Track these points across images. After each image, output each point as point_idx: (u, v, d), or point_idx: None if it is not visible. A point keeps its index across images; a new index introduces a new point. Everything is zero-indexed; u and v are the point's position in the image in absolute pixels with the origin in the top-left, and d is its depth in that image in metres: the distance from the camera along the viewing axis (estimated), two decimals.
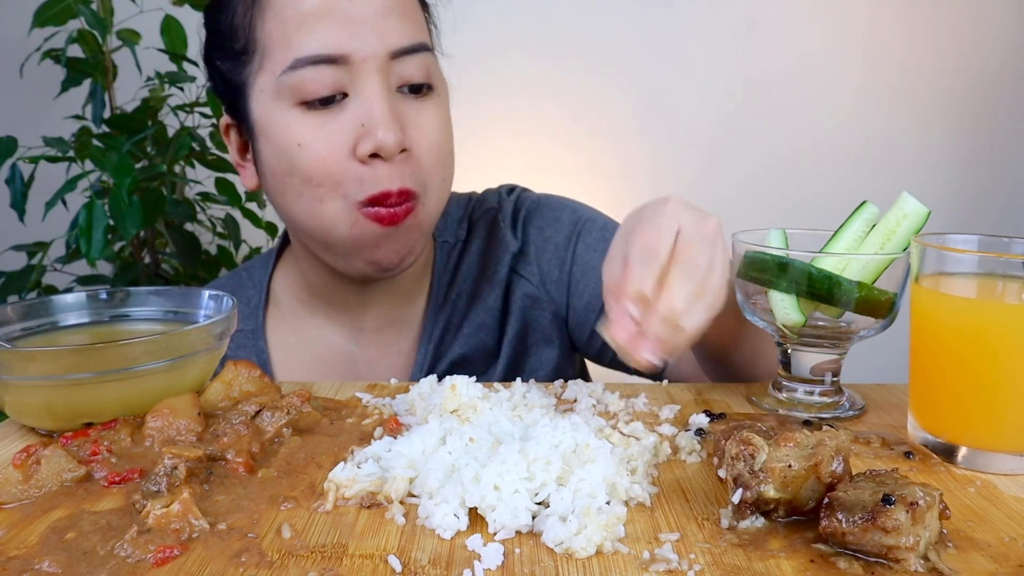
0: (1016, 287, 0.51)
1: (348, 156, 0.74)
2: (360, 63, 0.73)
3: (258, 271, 0.96)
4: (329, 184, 0.75)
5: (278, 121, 0.75)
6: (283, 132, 0.75)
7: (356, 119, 0.74)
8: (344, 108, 0.74)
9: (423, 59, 0.77)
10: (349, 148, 0.74)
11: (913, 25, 1.98)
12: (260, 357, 0.90)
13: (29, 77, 1.55)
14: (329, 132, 0.74)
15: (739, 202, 2.06)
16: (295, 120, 0.74)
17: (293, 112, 0.74)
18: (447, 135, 0.81)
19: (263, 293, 0.94)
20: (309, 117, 0.74)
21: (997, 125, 2.05)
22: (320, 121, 0.74)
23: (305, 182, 0.76)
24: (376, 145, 0.72)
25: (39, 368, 0.56)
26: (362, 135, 0.73)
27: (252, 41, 0.76)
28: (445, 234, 0.94)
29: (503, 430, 0.54)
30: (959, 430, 0.54)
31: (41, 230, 1.54)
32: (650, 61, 1.98)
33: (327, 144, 0.74)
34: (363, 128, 0.73)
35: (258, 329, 0.92)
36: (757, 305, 0.65)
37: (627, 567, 0.41)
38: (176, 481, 0.47)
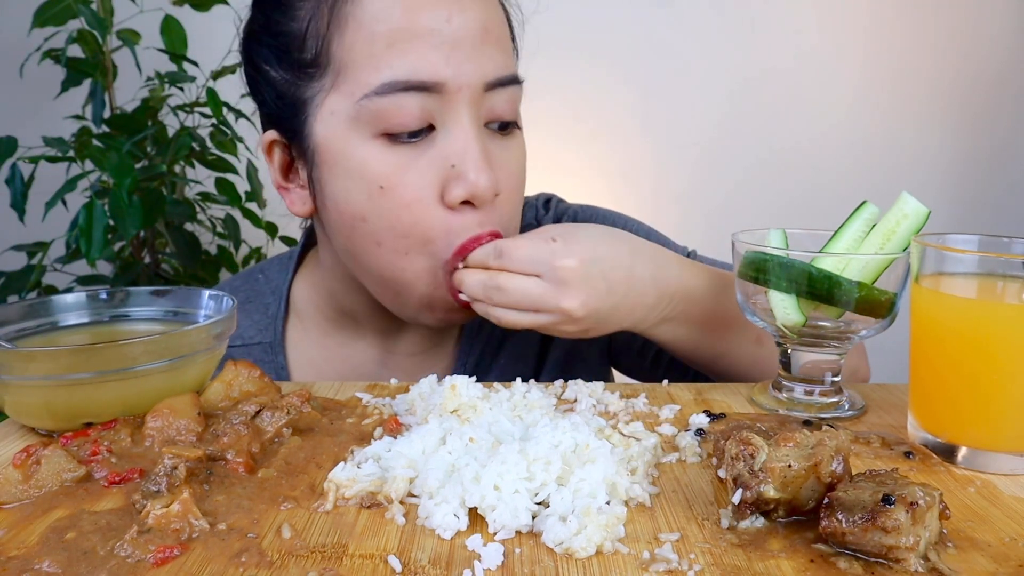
0: (1016, 287, 0.51)
1: (436, 203, 0.67)
2: (455, 93, 0.65)
3: (276, 275, 0.88)
4: (415, 236, 0.67)
5: (354, 153, 0.67)
6: (360, 168, 0.67)
7: (446, 158, 0.66)
8: (431, 144, 0.66)
9: (514, 93, 0.70)
10: (437, 193, 0.66)
11: (913, 24, 1.99)
12: (279, 373, 0.83)
13: (29, 77, 1.55)
14: (415, 173, 0.66)
15: (739, 201, 2.06)
16: (376, 155, 0.66)
17: (374, 145, 0.66)
18: (524, 175, 0.75)
19: (283, 301, 0.85)
20: (393, 153, 0.66)
21: (997, 125, 2.05)
22: (406, 159, 0.66)
23: (387, 231, 0.67)
24: (470, 190, 0.65)
25: (39, 368, 0.56)
26: (452, 177, 0.66)
27: (325, 54, 0.66)
28: None
29: (503, 430, 0.54)
30: (959, 430, 0.54)
31: (41, 230, 1.54)
32: (650, 60, 1.98)
33: (413, 188, 0.66)
34: (453, 170, 0.66)
35: (277, 343, 0.83)
36: (757, 305, 0.65)
37: (627, 567, 0.41)
38: (176, 481, 0.47)
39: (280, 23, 0.69)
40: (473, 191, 0.66)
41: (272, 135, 0.73)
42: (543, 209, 0.92)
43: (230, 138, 1.58)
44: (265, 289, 0.87)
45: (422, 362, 0.86)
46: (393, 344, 0.85)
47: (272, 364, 0.84)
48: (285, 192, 0.76)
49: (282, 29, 0.69)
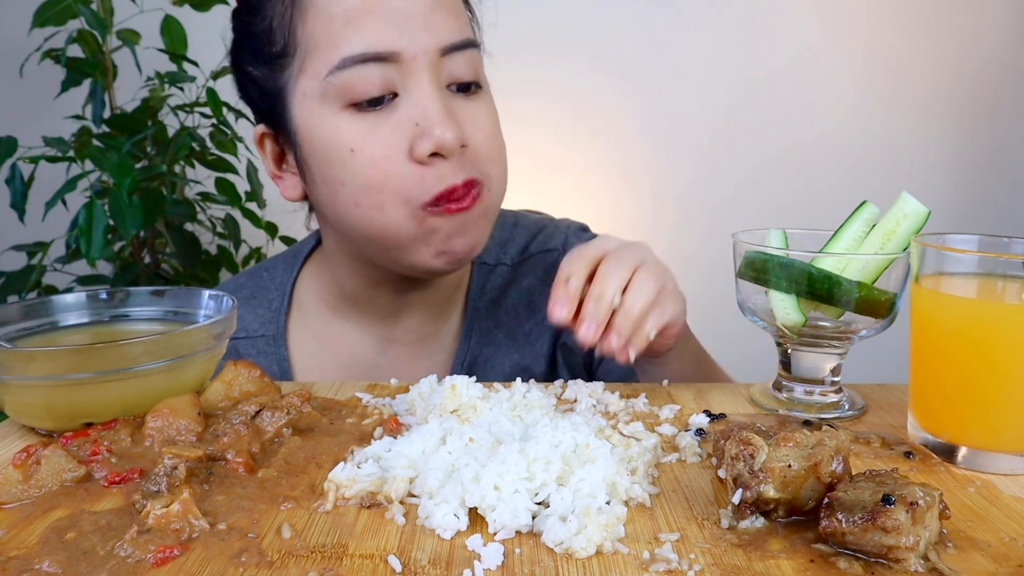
0: (1016, 287, 0.51)
1: (405, 159, 0.71)
2: (411, 60, 0.70)
3: (280, 273, 0.92)
4: (389, 190, 0.71)
5: (326, 126, 0.72)
6: (333, 138, 0.72)
7: (410, 119, 0.70)
8: (396, 108, 0.71)
9: (471, 56, 0.74)
10: (405, 150, 0.71)
11: (913, 24, 1.98)
12: (281, 365, 0.87)
13: (29, 77, 1.55)
14: (382, 134, 0.71)
15: (738, 201, 2.06)
16: (345, 124, 0.71)
17: (342, 116, 0.71)
18: (499, 130, 0.78)
19: (286, 297, 0.90)
20: (359, 119, 0.71)
21: (997, 125, 2.05)
22: (372, 123, 0.71)
23: (362, 190, 0.72)
24: (436, 143, 0.69)
25: (39, 368, 0.56)
26: (418, 135, 0.70)
27: (292, 43, 0.72)
28: (485, 256, 0.90)
29: (503, 430, 0.54)
30: (959, 430, 0.54)
31: (41, 230, 1.54)
32: (650, 60, 1.98)
33: (382, 147, 0.71)
34: (418, 128, 0.70)
35: (279, 335, 0.88)
36: (757, 305, 0.65)
37: (627, 567, 0.41)
38: (176, 481, 0.47)
39: (252, 24, 0.76)
40: (439, 143, 0.69)
41: (261, 128, 0.80)
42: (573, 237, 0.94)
43: (230, 138, 1.58)
44: (270, 285, 0.92)
45: (419, 350, 0.88)
46: (391, 331, 0.87)
47: (275, 356, 0.87)
48: (279, 180, 0.81)
49: (255, 30, 0.75)
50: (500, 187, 0.78)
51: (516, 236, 0.93)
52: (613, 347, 0.65)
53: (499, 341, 0.88)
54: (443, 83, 0.73)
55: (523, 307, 0.89)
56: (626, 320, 0.65)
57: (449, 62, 0.72)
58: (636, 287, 0.66)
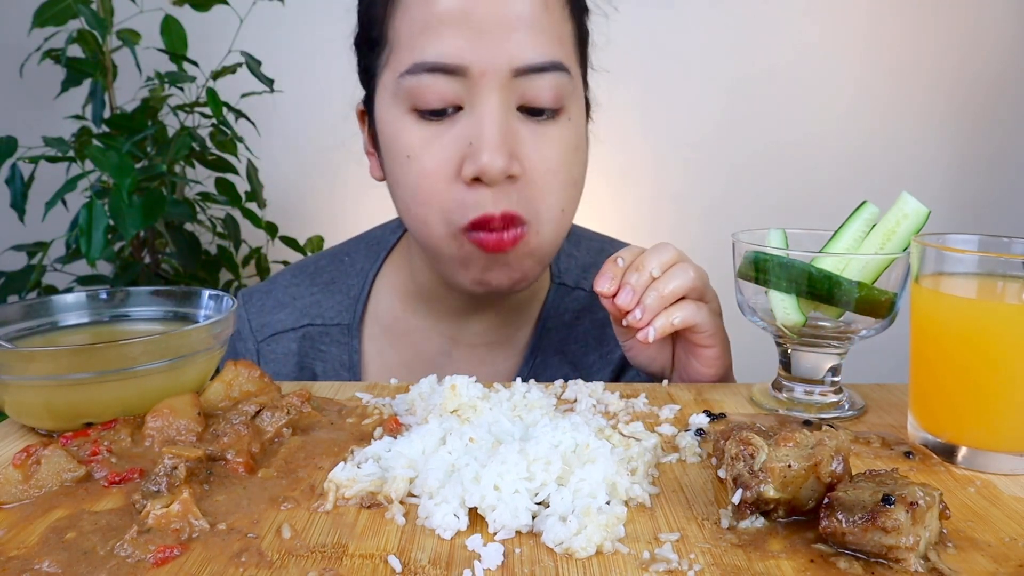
0: (1016, 287, 0.51)
1: (454, 176, 0.70)
2: (479, 77, 0.68)
3: (362, 260, 0.91)
4: (433, 205, 0.71)
5: (392, 124, 0.73)
6: (395, 138, 0.72)
7: (465, 137, 0.69)
8: (456, 123, 0.70)
9: (553, 80, 0.70)
10: (455, 167, 0.70)
11: (913, 24, 1.98)
12: (352, 356, 0.86)
13: (29, 77, 1.55)
14: (438, 147, 0.70)
15: (738, 201, 2.06)
16: (407, 127, 0.71)
17: (406, 118, 0.71)
18: (570, 163, 0.74)
19: (367, 286, 0.88)
20: (420, 127, 0.71)
21: (997, 125, 2.05)
22: (432, 133, 0.70)
23: (411, 197, 0.72)
24: (479, 169, 0.68)
25: (39, 368, 0.56)
26: (468, 155, 0.69)
27: (384, 35, 0.73)
28: (565, 276, 0.89)
29: (503, 430, 0.54)
30: (959, 430, 0.54)
31: (41, 230, 1.54)
32: (649, 60, 1.98)
33: (434, 160, 0.70)
34: (470, 148, 0.69)
35: (355, 325, 0.87)
36: (757, 305, 0.65)
37: (627, 567, 0.41)
38: (176, 481, 0.47)
39: (362, 10, 0.78)
40: (482, 170, 0.68)
41: (360, 105, 0.82)
42: None
43: (230, 138, 1.58)
44: (351, 271, 0.91)
45: (485, 355, 0.86)
46: (459, 332, 0.86)
47: (347, 346, 0.87)
48: (371, 157, 0.82)
49: (362, 14, 0.78)
50: (554, 228, 0.75)
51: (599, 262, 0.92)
52: (636, 319, 0.66)
53: (561, 365, 0.86)
54: (513, 104, 0.70)
55: (593, 338, 0.87)
56: (656, 296, 0.66)
57: (524, 83, 0.69)
58: (673, 271, 0.68)
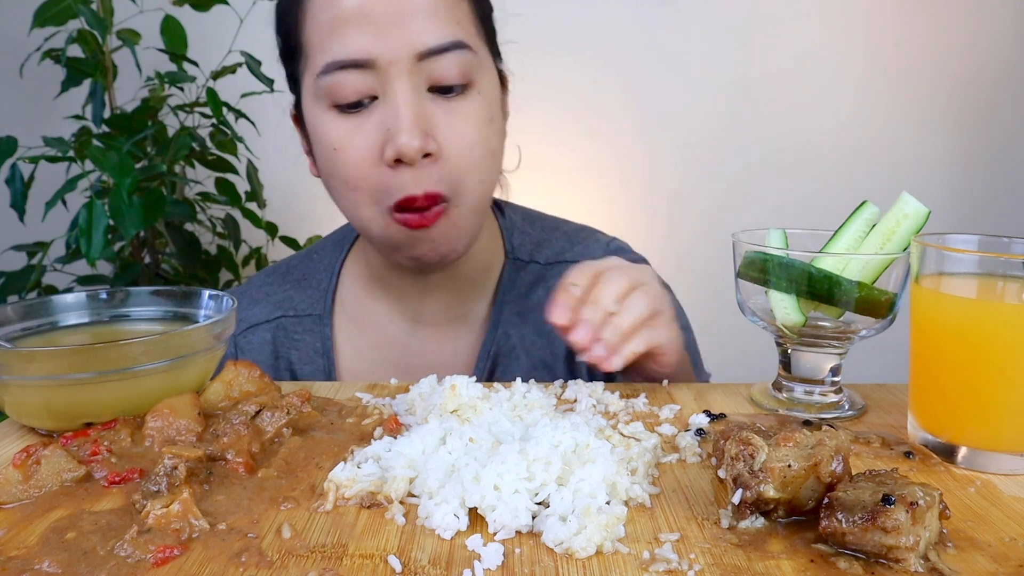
0: (1016, 287, 0.51)
1: (377, 161, 0.74)
2: (387, 66, 0.72)
3: (329, 254, 0.97)
4: (362, 190, 0.76)
5: (318, 122, 0.77)
6: (322, 134, 0.77)
7: (383, 124, 0.74)
8: (373, 112, 0.74)
9: (457, 58, 0.75)
10: (378, 153, 0.74)
11: (913, 25, 1.98)
12: (325, 343, 0.91)
13: (29, 77, 1.55)
14: (360, 137, 0.75)
15: (738, 202, 2.06)
16: (331, 123, 0.76)
17: (329, 115, 0.76)
18: (485, 136, 0.78)
19: (334, 277, 0.94)
20: (342, 121, 0.75)
21: (997, 125, 2.05)
22: (352, 125, 0.75)
23: (342, 186, 0.78)
24: (397, 151, 0.72)
25: (39, 368, 0.56)
26: (387, 139, 0.73)
27: (299, 42, 0.78)
28: (519, 251, 0.93)
29: (503, 430, 0.54)
30: (959, 430, 0.54)
31: (41, 230, 1.54)
32: (649, 61, 1.98)
33: (357, 149, 0.75)
34: (388, 133, 0.73)
35: (325, 314, 0.92)
36: (757, 305, 0.65)
37: (627, 567, 0.41)
38: (176, 481, 0.47)
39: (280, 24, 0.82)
40: (400, 150, 0.72)
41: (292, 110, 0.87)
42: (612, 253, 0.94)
43: (230, 138, 1.58)
44: (319, 266, 0.97)
45: (448, 332, 0.91)
46: (418, 313, 0.90)
47: (319, 334, 0.92)
48: (309, 157, 0.86)
49: (280, 28, 0.82)
50: (474, 199, 0.78)
51: (553, 240, 0.96)
52: (598, 356, 0.67)
53: (524, 335, 0.90)
54: (423, 87, 0.74)
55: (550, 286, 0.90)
56: (615, 331, 0.67)
57: (430, 65, 0.74)
58: (630, 302, 0.68)
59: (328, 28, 0.74)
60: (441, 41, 0.74)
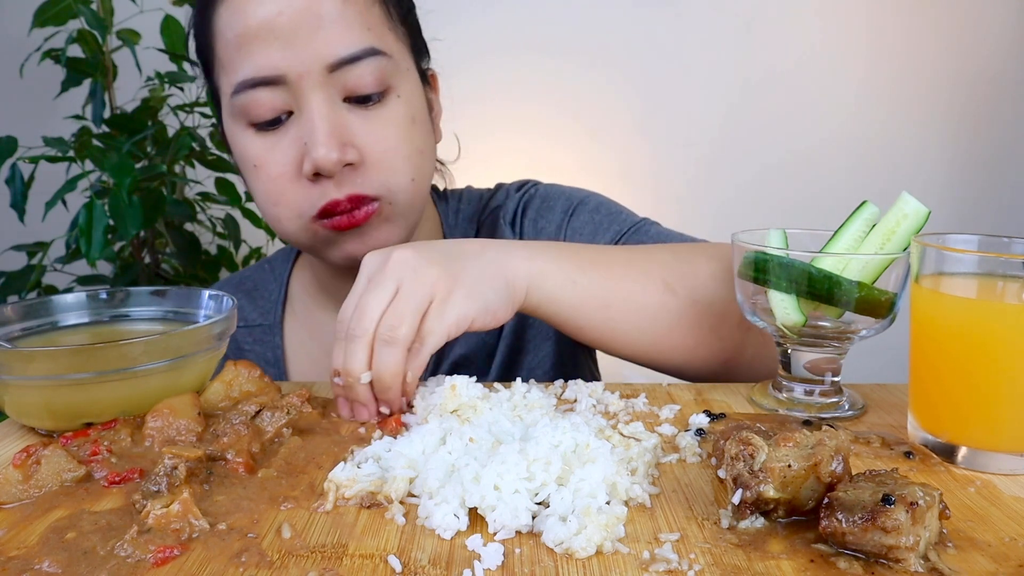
0: (1016, 287, 0.51)
1: (296, 176, 0.74)
2: (298, 80, 0.71)
3: (280, 264, 0.97)
4: (283, 205, 0.76)
5: (237, 140, 0.77)
6: (241, 151, 0.77)
7: (300, 138, 0.73)
8: (290, 127, 0.74)
9: (370, 64, 0.73)
10: (296, 167, 0.74)
11: (913, 25, 1.99)
12: (275, 353, 0.91)
13: (29, 77, 1.55)
14: (278, 153, 0.74)
15: (738, 202, 2.06)
16: (248, 141, 0.75)
17: (247, 133, 0.75)
18: (409, 137, 0.77)
19: (283, 287, 0.94)
20: (259, 139, 0.75)
21: (997, 125, 2.05)
22: (270, 142, 0.74)
23: (264, 203, 0.77)
24: (315, 164, 0.71)
25: (39, 368, 0.56)
26: (304, 153, 0.73)
27: (213, 61, 0.77)
28: (455, 231, 0.94)
29: (503, 430, 0.54)
30: (959, 430, 0.54)
31: (41, 230, 1.54)
32: (650, 61, 1.98)
33: (277, 165, 0.74)
34: (305, 147, 0.72)
35: (276, 324, 0.92)
36: (757, 305, 0.65)
37: (627, 567, 0.41)
38: (176, 481, 0.47)
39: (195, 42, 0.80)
40: (317, 164, 0.71)
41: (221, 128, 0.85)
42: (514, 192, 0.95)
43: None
44: (269, 277, 0.96)
45: None
46: None
47: (270, 344, 0.91)
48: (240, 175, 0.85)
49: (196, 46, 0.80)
50: (408, 197, 0.78)
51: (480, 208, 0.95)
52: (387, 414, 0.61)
53: None
54: (338, 97, 0.73)
55: None
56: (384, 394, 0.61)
57: (343, 75, 0.72)
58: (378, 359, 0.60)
59: (235, 46, 0.72)
60: (352, 50, 0.72)
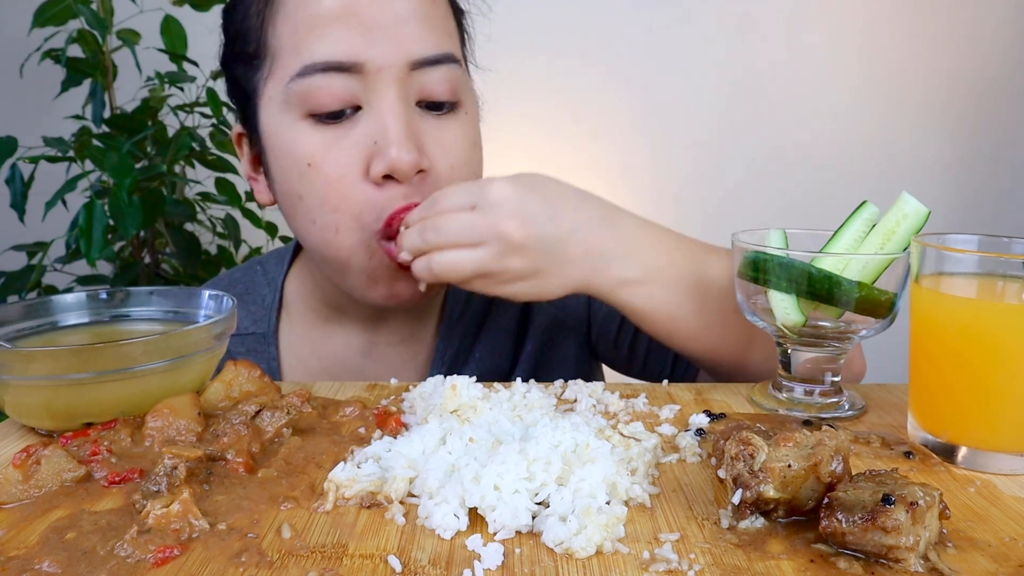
0: (1016, 287, 0.51)
1: (361, 178, 0.68)
2: (376, 73, 0.66)
3: (273, 268, 0.90)
4: (344, 211, 0.69)
5: (286, 134, 0.70)
6: (292, 147, 0.69)
7: (369, 136, 0.67)
8: (357, 123, 0.68)
9: (448, 72, 0.69)
10: (362, 169, 0.68)
11: (912, 23, 1.99)
12: (270, 364, 0.85)
13: (29, 77, 1.55)
14: (341, 151, 0.68)
15: (738, 201, 2.06)
16: (304, 134, 0.68)
17: (302, 125, 0.68)
18: (472, 159, 0.73)
19: (277, 294, 0.88)
20: (319, 132, 0.68)
21: (996, 125, 2.05)
22: (331, 137, 0.68)
23: (319, 207, 0.70)
24: (389, 165, 0.66)
25: (39, 368, 0.56)
26: (375, 153, 0.67)
27: (263, 45, 0.70)
28: None
29: (503, 430, 0.54)
30: (959, 430, 0.54)
31: (41, 230, 1.54)
32: (649, 60, 1.98)
33: (338, 165, 0.68)
34: (376, 146, 0.67)
35: (270, 333, 0.86)
36: (757, 305, 0.65)
37: (627, 567, 0.41)
38: (176, 481, 0.47)
39: (233, 22, 0.74)
40: (393, 165, 0.66)
41: (238, 128, 0.79)
42: None
43: (230, 138, 1.58)
44: (262, 281, 0.90)
45: (403, 351, 0.86)
46: (375, 334, 0.85)
47: (264, 354, 0.86)
48: (254, 183, 0.79)
49: (234, 28, 0.74)
50: None
51: None
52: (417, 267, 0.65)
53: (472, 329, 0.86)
54: (412, 99, 0.69)
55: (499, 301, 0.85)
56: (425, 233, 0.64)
57: (420, 77, 0.68)
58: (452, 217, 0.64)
59: (307, 27, 0.67)
60: (435, 51, 0.68)
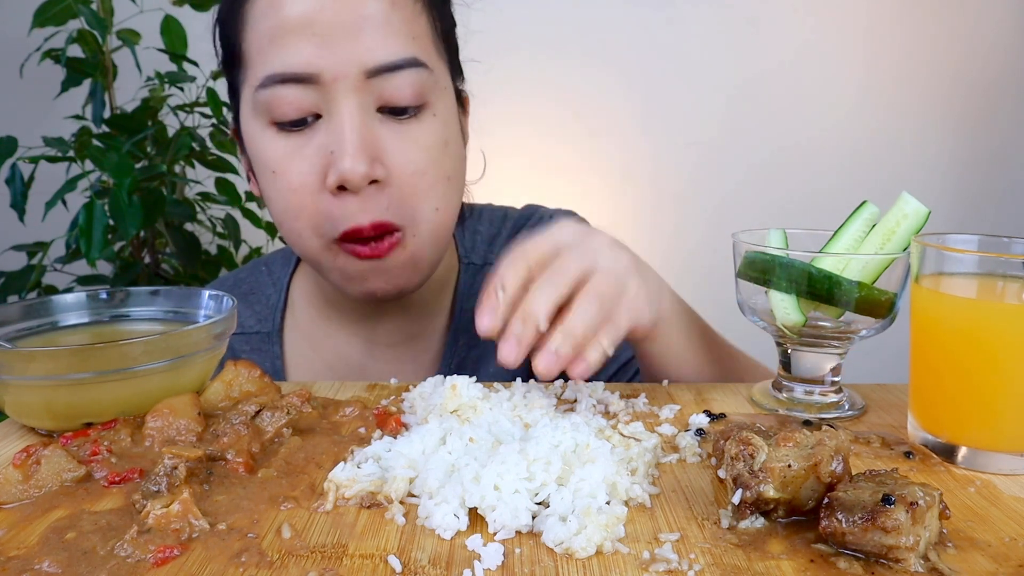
0: (1016, 287, 0.51)
1: (319, 188, 0.69)
2: (332, 83, 0.66)
3: (279, 268, 0.91)
4: (303, 219, 0.70)
5: (256, 139, 0.71)
6: (259, 153, 0.71)
7: (326, 146, 0.68)
8: (317, 131, 0.68)
9: (411, 76, 0.68)
10: (319, 178, 0.68)
11: (913, 24, 1.99)
12: (274, 363, 0.86)
13: (29, 77, 1.55)
14: (301, 160, 0.69)
15: (738, 201, 2.06)
16: (271, 142, 0.70)
17: (268, 132, 0.70)
18: (439, 160, 0.72)
19: (283, 294, 0.89)
20: (282, 140, 0.69)
21: (997, 125, 2.05)
22: (293, 146, 0.69)
23: (283, 212, 0.72)
24: (340, 177, 0.66)
25: (39, 368, 0.56)
26: (330, 163, 0.67)
27: (239, 52, 0.72)
28: (472, 255, 0.89)
29: (503, 430, 0.54)
30: (959, 430, 0.54)
31: (41, 230, 1.54)
32: (649, 60, 1.98)
33: (298, 174, 0.69)
34: (331, 156, 0.67)
35: (275, 332, 0.87)
36: (757, 305, 0.65)
37: (627, 567, 0.41)
38: (176, 481, 0.47)
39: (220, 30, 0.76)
40: (343, 176, 0.66)
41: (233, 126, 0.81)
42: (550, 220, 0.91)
43: (230, 138, 1.58)
44: (267, 281, 0.91)
45: (405, 352, 0.86)
46: (373, 334, 0.86)
47: (268, 353, 0.86)
48: (251, 177, 0.80)
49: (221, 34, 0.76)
50: (431, 228, 0.72)
51: (503, 231, 0.91)
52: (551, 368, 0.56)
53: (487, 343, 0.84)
54: (372, 107, 0.69)
55: None
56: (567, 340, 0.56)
57: (380, 83, 0.67)
58: (578, 308, 0.57)
59: (269, 37, 0.67)
60: (394, 57, 0.67)
